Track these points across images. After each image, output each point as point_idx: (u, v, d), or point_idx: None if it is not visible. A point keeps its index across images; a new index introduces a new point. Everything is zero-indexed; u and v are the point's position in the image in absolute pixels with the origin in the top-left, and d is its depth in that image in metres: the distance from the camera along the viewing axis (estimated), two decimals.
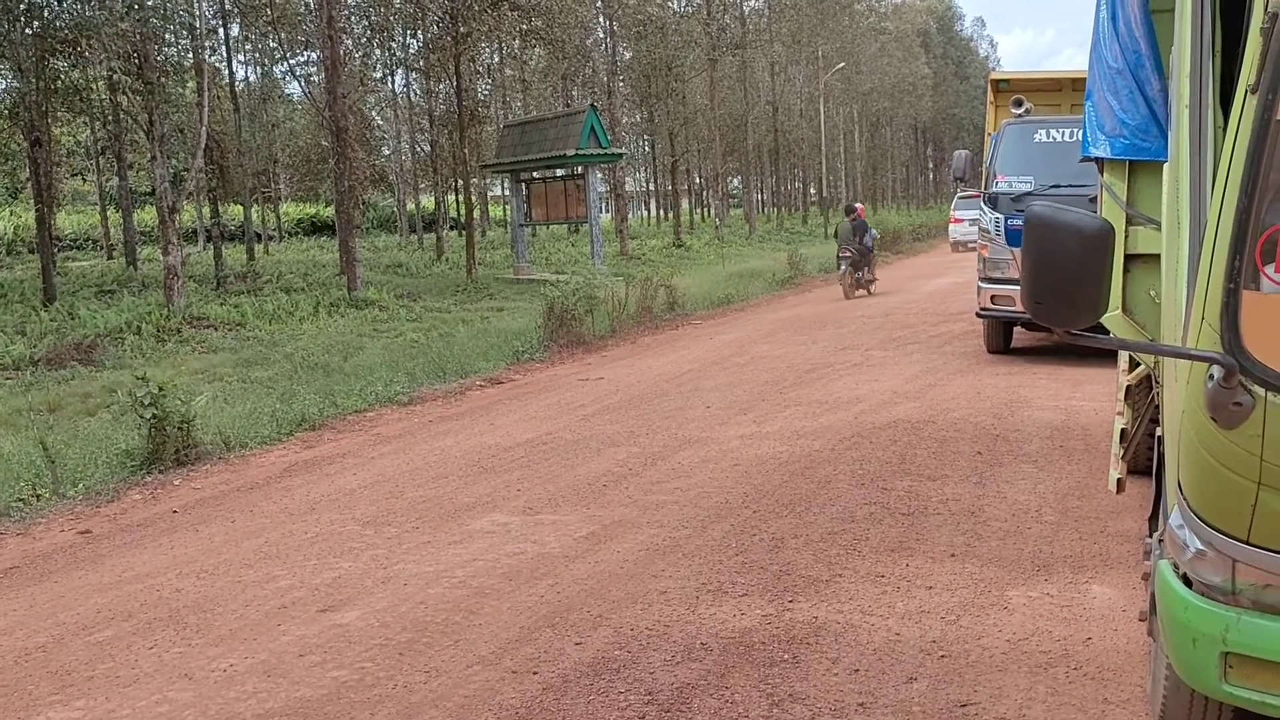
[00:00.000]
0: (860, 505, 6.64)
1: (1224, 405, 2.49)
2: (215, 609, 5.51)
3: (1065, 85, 13.64)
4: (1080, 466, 7.33)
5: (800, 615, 4.92)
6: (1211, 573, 2.77)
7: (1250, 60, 2.41)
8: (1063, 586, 5.13)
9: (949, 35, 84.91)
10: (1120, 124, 4.30)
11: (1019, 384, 10.65)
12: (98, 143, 35.98)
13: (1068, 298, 2.59)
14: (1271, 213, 2.42)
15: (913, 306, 18.55)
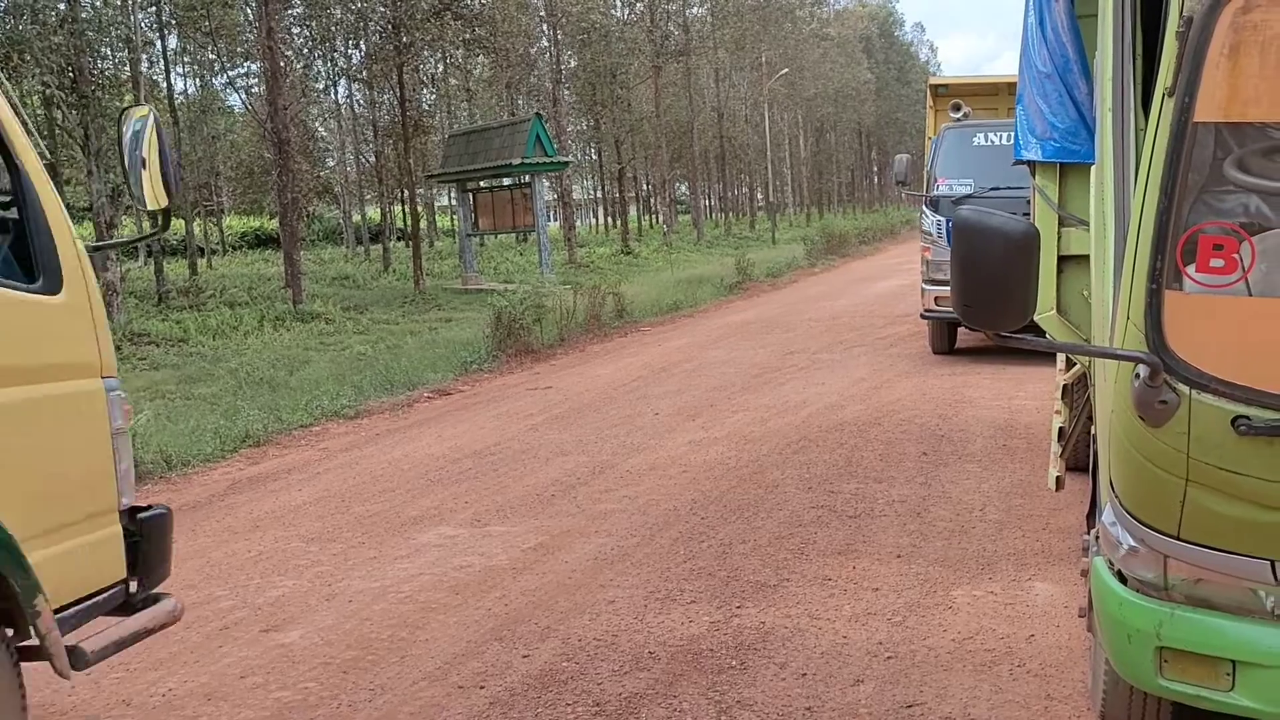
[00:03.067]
0: (808, 509, 6.67)
1: (1150, 404, 2.53)
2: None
3: (1002, 89, 13.82)
4: (1023, 465, 7.42)
5: (748, 621, 4.92)
6: (1144, 569, 2.81)
7: (1167, 64, 2.45)
8: (1006, 585, 5.19)
9: (890, 40, 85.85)
10: (1050, 127, 4.37)
11: (963, 384, 10.77)
12: None
13: (996, 301, 2.61)
14: (1191, 213, 2.46)
15: (859, 309, 18.70)
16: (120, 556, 3.74)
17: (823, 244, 34.09)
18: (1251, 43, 2.35)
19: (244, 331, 20.32)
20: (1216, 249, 2.43)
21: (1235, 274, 2.43)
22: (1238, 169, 2.41)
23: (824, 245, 34.01)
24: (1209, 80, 2.38)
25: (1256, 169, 2.41)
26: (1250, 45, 2.35)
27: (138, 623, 3.72)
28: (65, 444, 3.55)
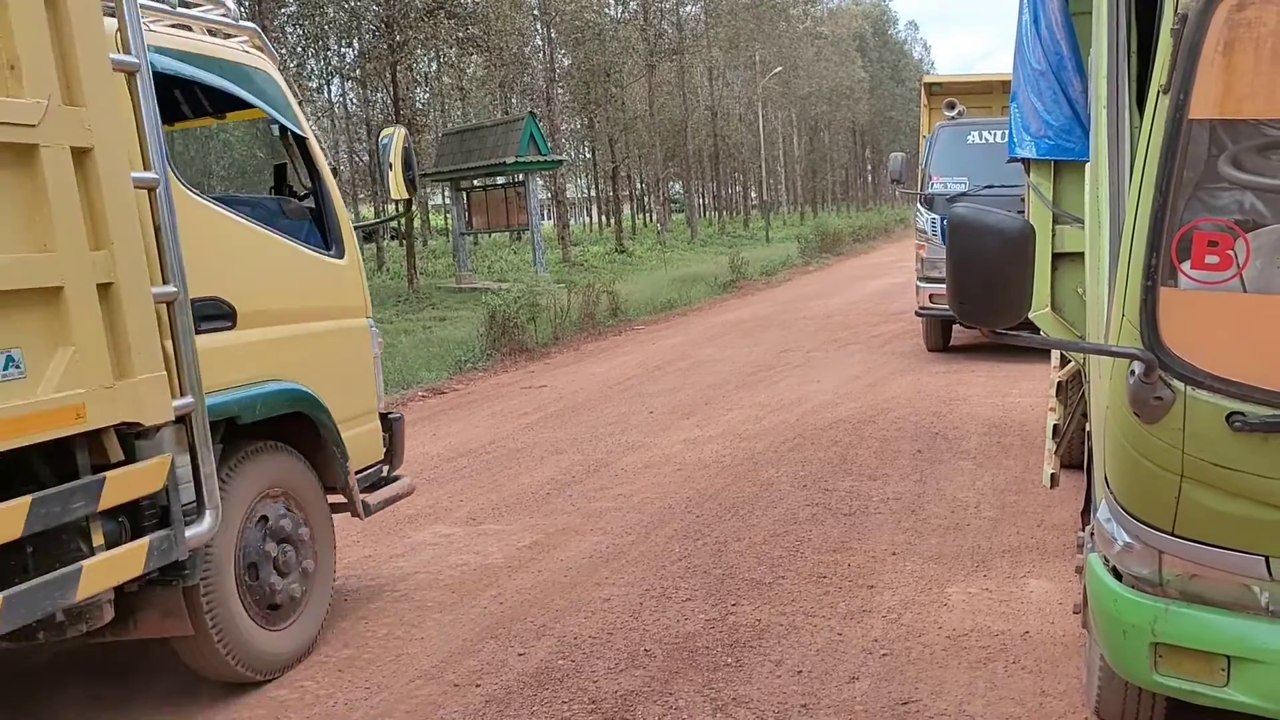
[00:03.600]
0: (803, 506, 6.68)
1: (1145, 400, 2.53)
2: None
3: (996, 88, 13.84)
4: (1017, 462, 7.43)
5: (744, 618, 4.93)
6: (1139, 565, 2.81)
7: (1162, 61, 2.46)
8: (1001, 581, 5.20)
9: (884, 39, 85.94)
10: (1045, 125, 4.37)
11: (958, 381, 10.78)
12: None
13: (991, 298, 2.62)
14: (1186, 210, 2.47)
15: (854, 308, 18.71)
16: (380, 444, 5.48)
17: (817, 242, 34.10)
18: (1246, 40, 2.35)
19: None
20: (1211, 246, 2.44)
21: (1230, 271, 2.44)
22: (1232, 166, 2.42)
23: (818, 244, 34.02)
24: (1204, 77, 2.38)
25: (1251, 166, 2.42)
26: (1244, 42, 2.36)
27: (393, 490, 5.50)
28: (354, 360, 5.28)
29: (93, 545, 3.62)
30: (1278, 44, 2.33)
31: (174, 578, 4.07)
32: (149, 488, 3.81)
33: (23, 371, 3.33)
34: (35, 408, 3.32)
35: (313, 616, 4.88)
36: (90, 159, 3.53)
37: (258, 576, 4.53)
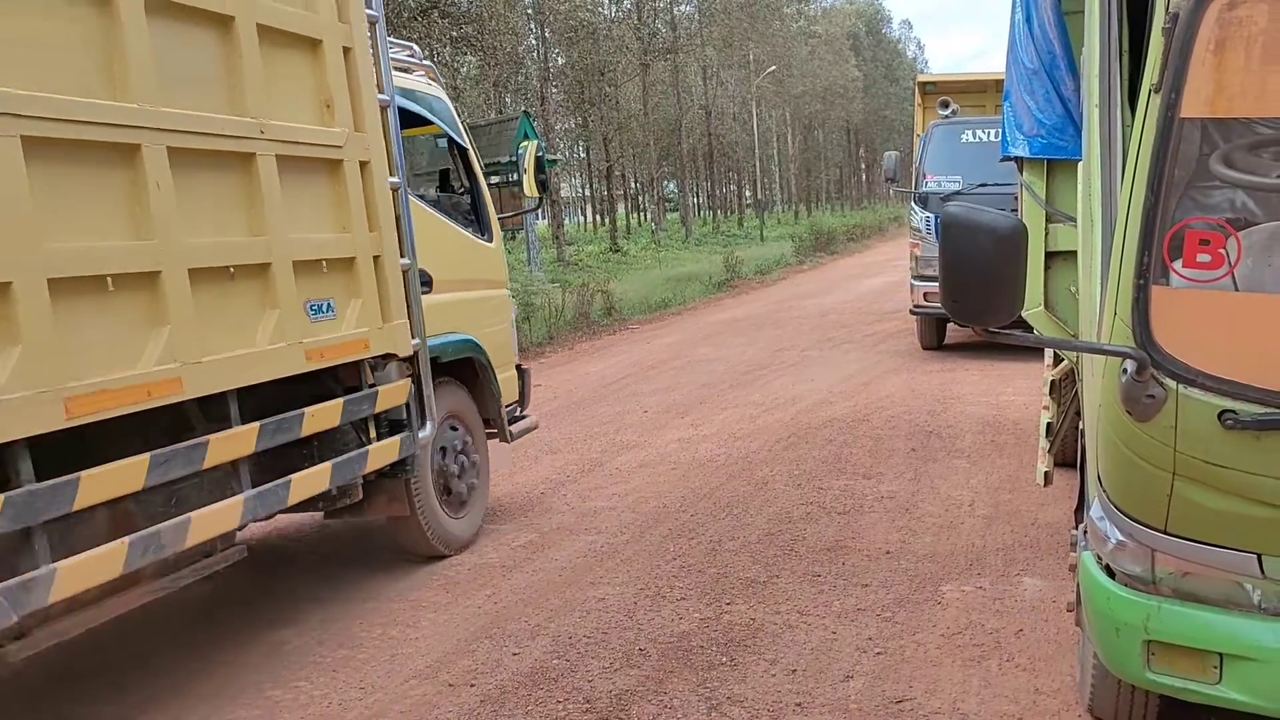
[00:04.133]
0: (797, 505, 6.68)
1: (1138, 398, 2.54)
2: (140, 636, 5.39)
3: (989, 87, 13.86)
4: (1011, 460, 7.44)
5: (738, 617, 4.93)
6: (1132, 563, 2.82)
7: (1153, 59, 2.46)
8: (995, 579, 5.21)
9: (878, 38, 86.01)
10: (1037, 124, 4.38)
11: (952, 380, 10.80)
12: None
13: (984, 297, 2.62)
14: (1179, 209, 2.47)
15: (848, 306, 18.73)
16: (516, 388, 6.98)
17: (811, 241, 34.14)
18: (1237, 38, 2.36)
19: None
20: (1203, 244, 2.44)
21: (1222, 269, 2.44)
22: (1224, 164, 2.43)
23: (812, 243, 34.06)
24: (1195, 76, 2.39)
25: (1242, 164, 2.43)
26: (1235, 41, 2.36)
27: (525, 424, 7.01)
28: (501, 321, 6.84)
29: (370, 438, 5.18)
30: (1269, 43, 2.34)
31: (399, 472, 5.50)
32: (398, 401, 5.32)
33: (334, 315, 4.84)
34: (343, 339, 4.86)
35: (478, 511, 6.46)
36: (369, 170, 5.07)
37: (445, 476, 6.08)
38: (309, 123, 4.77)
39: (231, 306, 4.26)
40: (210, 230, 4.15)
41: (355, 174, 4.97)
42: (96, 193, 3.65)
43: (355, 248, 4.97)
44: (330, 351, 4.77)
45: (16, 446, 3.32)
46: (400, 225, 5.34)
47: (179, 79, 3.99)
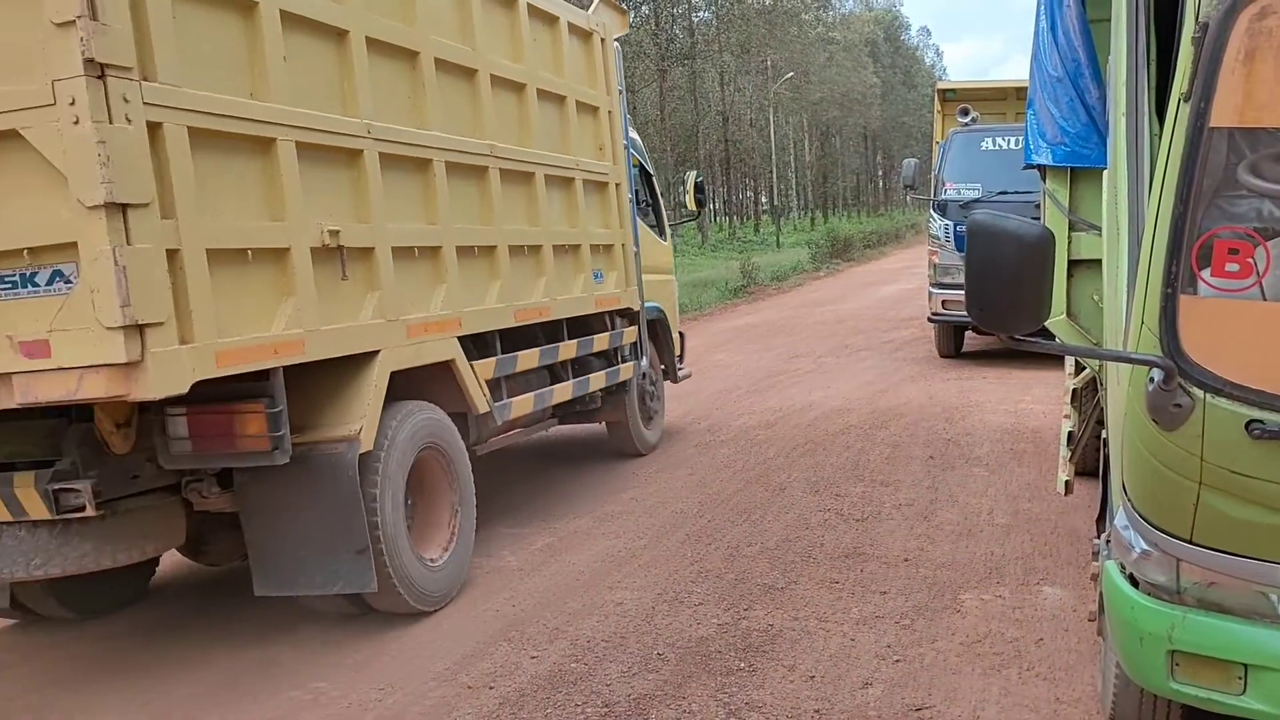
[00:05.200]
0: (815, 512, 6.68)
1: (1164, 407, 2.53)
2: (160, 633, 5.42)
3: (1010, 94, 13.85)
4: (1030, 469, 7.42)
5: (756, 623, 4.93)
6: (1156, 572, 2.81)
7: (1183, 69, 2.46)
8: (1014, 588, 5.19)
9: (896, 45, 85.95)
10: (1061, 132, 4.37)
11: (970, 388, 10.77)
12: None
13: (1010, 304, 2.62)
14: (1206, 218, 2.47)
15: (865, 313, 18.71)
16: (678, 347, 9.41)
17: (828, 248, 34.10)
18: (1267, 48, 2.36)
19: None
20: (1232, 253, 2.44)
21: (1250, 279, 2.44)
22: (1252, 174, 2.42)
23: (829, 249, 34.02)
24: (1224, 85, 2.38)
25: (1271, 174, 2.42)
26: (1265, 51, 2.36)
27: (684, 372, 9.46)
28: (671, 298, 9.38)
29: (619, 361, 7.93)
30: None
31: (621, 390, 8.15)
32: (631, 340, 8.14)
33: (603, 280, 7.68)
34: (608, 295, 7.71)
35: (659, 427, 9.01)
36: (620, 189, 7.98)
37: (643, 398, 8.60)
38: (593, 159, 7.60)
39: (566, 269, 7.15)
40: (559, 223, 7.09)
41: (614, 191, 7.90)
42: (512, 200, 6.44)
43: (614, 238, 7.92)
44: (603, 302, 7.67)
45: (493, 335, 6.19)
46: (631, 226, 8.22)
47: (548, 136, 6.94)
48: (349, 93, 4.97)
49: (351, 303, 4.91)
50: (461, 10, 5.95)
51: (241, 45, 4.36)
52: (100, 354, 3.66)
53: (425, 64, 5.53)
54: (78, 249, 3.65)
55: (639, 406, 8.48)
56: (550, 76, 6.95)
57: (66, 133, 3.59)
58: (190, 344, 3.91)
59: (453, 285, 5.68)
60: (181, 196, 3.92)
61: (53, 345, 3.72)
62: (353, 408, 4.85)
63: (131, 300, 3.63)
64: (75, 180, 3.60)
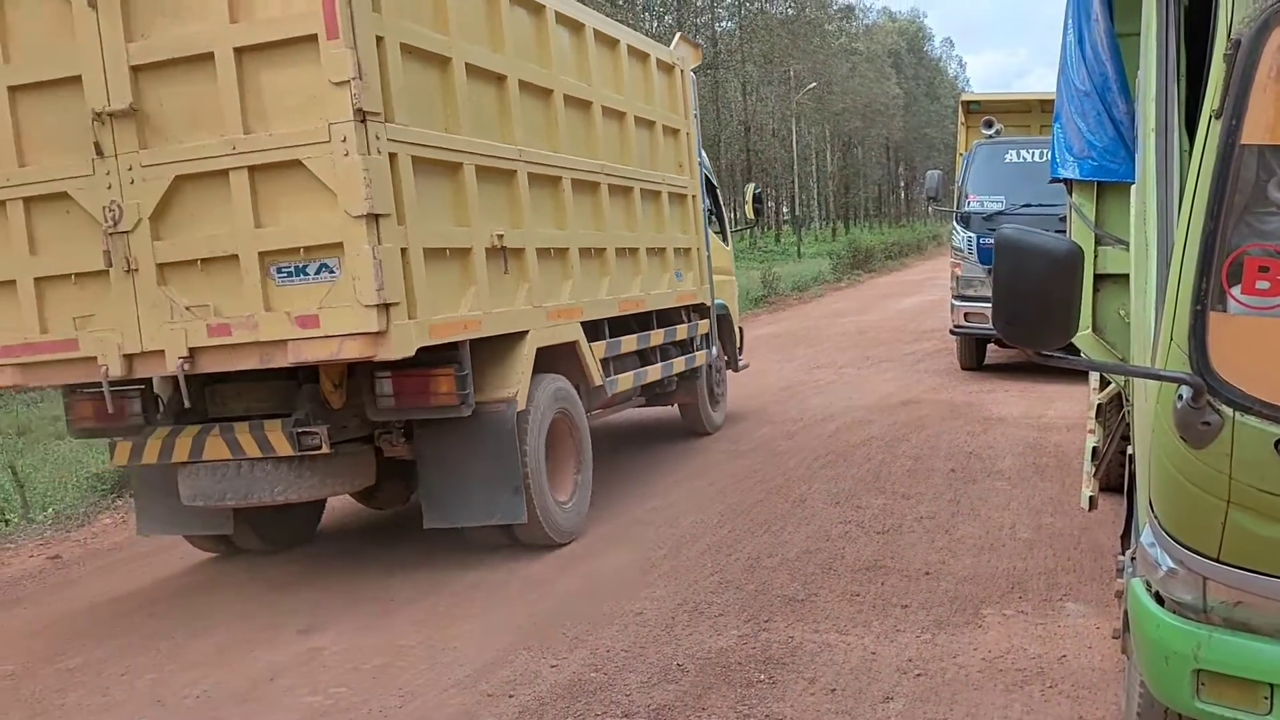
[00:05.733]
0: (835, 523, 6.66)
1: (1193, 425, 2.51)
2: (188, 634, 5.45)
3: (1035, 107, 13.79)
4: (1053, 483, 7.37)
5: (776, 635, 4.92)
6: (1183, 590, 2.79)
7: (1214, 86, 2.45)
8: (1037, 604, 5.16)
9: (919, 56, 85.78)
10: (1088, 146, 4.35)
11: (992, 401, 10.72)
12: None
13: (1038, 320, 2.60)
14: (1237, 235, 2.45)
15: (886, 324, 18.66)
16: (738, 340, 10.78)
17: (849, 259, 34.01)
18: None
19: None
20: (1262, 271, 2.42)
21: None
22: None
23: (850, 260, 33.93)
24: (1256, 103, 2.37)
25: None
26: None
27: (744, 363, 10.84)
28: (732, 296, 10.77)
29: (694, 349, 9.03)
30: None
31: (694, 376, 9.26)
32: (704, 331, 9.29)
33: (683, 278, 8.81)
34: (686, 292, 8.82)
35: (722, 411, 10.21)
36: (695, 200, 9.18)
37: (710, 383, 9.77)
38: (675, 174, 8.86)
39: (655, 269, 8.35)
40: (651, 229, 8.30)
41: (690, 203, 9.15)
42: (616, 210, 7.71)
43: (691, 243, 9.14)
44: (682, 298, 8.84)
45: (602, 322, 7.37)
46: (704, 232, 9.47)
47: (641, 155, 8.15)
48: (506, 125, 6.25)
49: (510, 292, 6.20)
50: (580, 52, 7.22)
51: (438, 92, 5.65)
52: (359, 324, 4.94)
53: (557, 99, 6.81)
54: (343, 248, 4.92)
55: (707, 391, 9.68)
56: (643, 105, 8.27)
57: (338, 162, 4.85)
58: (415, 319, 5.16)
59: (576, 280, 6.98)
60: (409, 208, 5.18)
61: (321, 318, 4.99)
62: (510, 375, 6.08)
63: (384, 285, 4.90)
64: (344, 196, 4.86)
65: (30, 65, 5.26)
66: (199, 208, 5.16)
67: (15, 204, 5.36)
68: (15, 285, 5.42)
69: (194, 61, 5.06)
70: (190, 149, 5.11)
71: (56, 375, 5.56)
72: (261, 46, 4.98)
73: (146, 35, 5.09)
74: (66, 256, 5.35)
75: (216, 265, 5.16)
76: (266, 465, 5.58)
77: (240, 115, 5.01)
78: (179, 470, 5.75)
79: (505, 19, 6.23)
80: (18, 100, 5.29)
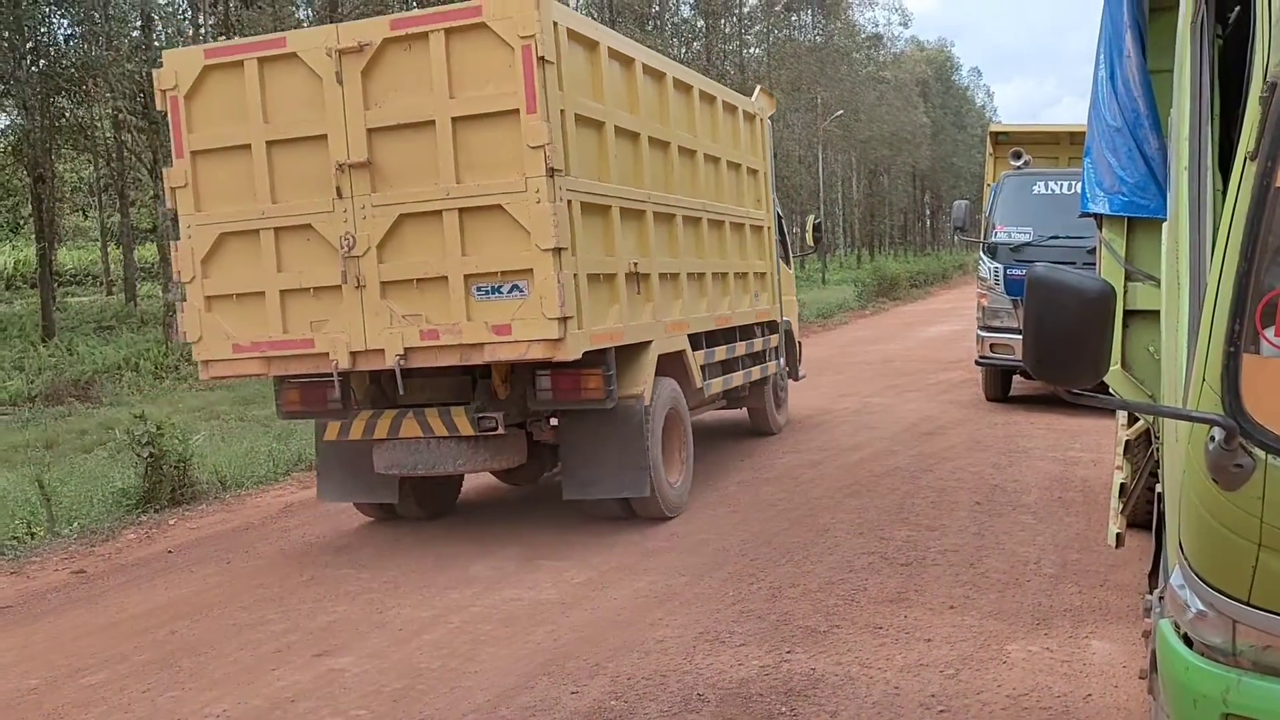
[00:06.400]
0: (859, 554, 6.62)
1: (1225, 467, 2.49)
2: (209, 652, 5.48)
3: (1063, 139, 13.76)
4: (1079, 518, 7.31)
5: (798, 666, 4.89)
6: (1212, 633, 2.76)
7: (1249, 128, 2.44)
8: (1063, 641, 5.11)
9: (947, 85, 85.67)
10: (1119, 181, 4.34)
11: (1018, 433, 10.64)
12: (101, 179, 36.12)
13: (1069, 358, 2.60)
14: (1270, 277, 2.44)
15: (911, 354, 18.59)
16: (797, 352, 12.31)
17: (874, 286, 33.94)
18: None
19: None
20: None
21: None
22: None
23: (875, 288, 33.86)
24: None
25: None
26: None
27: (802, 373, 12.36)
28: (793, 314, 12.28)
29: (766, 360, 10.42)
30: None
31: (763, 383, 10.58)
32: (774, 345, 10.65)
33: (759, 298, 10.34)
34: (762, 310, 10.38)
35: (785, 414, 11.56)
36: (770, 231, 10.78)
37: (775, 389, 11.14)
38: (754, 209, 10.37)
39: (739, 290, 9.73)
40: (737, 257, 9.73)
41: (766, 233, 10.67)
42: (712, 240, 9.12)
43: (766, 268, 10.62)
44: (759, 315, 10.31)
45: (699, 335, 8.62)
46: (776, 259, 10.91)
47: (730, 193, 9.65)
48: (639, 173, 7.70)
49: (640, 309, 7.60)
50: (689, 108, 8.72)
51: (595, 149, 7.06)
52: (543, 333, 6.39)
53: (673, 150, 8.29)
54: (533, 273, 6.37)
55: (773, 397, 11.13)
56: (732, 150, 9.76)
57: (532, 208, 6.31)
58: (582, 330, 6.59)
59: (684, 299, 8.40)
60: (578, 242, 6.60)
61: (513, 327, 6.43)
62: (639, 376, 7.42)
63: (564, 302, 6.34)
64: (536, 234, 6.31)
65: (286, 126, 6.73)
66: (416, 239, 6.60)
67: (268, 232, 6.79)
68: (264, 295, 6.85)
69: (418, 126, 6.51)
70: (412, 194, 6.56)
71: (293, 367, 6.97)
72: (474, 117, 6.42)
73: (380, 105, 6.57)
74: (306, 274, 6.79)
75: (428, 284, 6.58)
76: (450, 443, 6.94)
77: (454, 169, 6.45)
78: (375, 445, 7.08)
79: (639, 86, 7.71)
80: (274, 153, 6.75)
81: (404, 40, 6.51)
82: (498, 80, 6.33)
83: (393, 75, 6.54)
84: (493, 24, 6.29)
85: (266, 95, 6.73)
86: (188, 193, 6.94)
